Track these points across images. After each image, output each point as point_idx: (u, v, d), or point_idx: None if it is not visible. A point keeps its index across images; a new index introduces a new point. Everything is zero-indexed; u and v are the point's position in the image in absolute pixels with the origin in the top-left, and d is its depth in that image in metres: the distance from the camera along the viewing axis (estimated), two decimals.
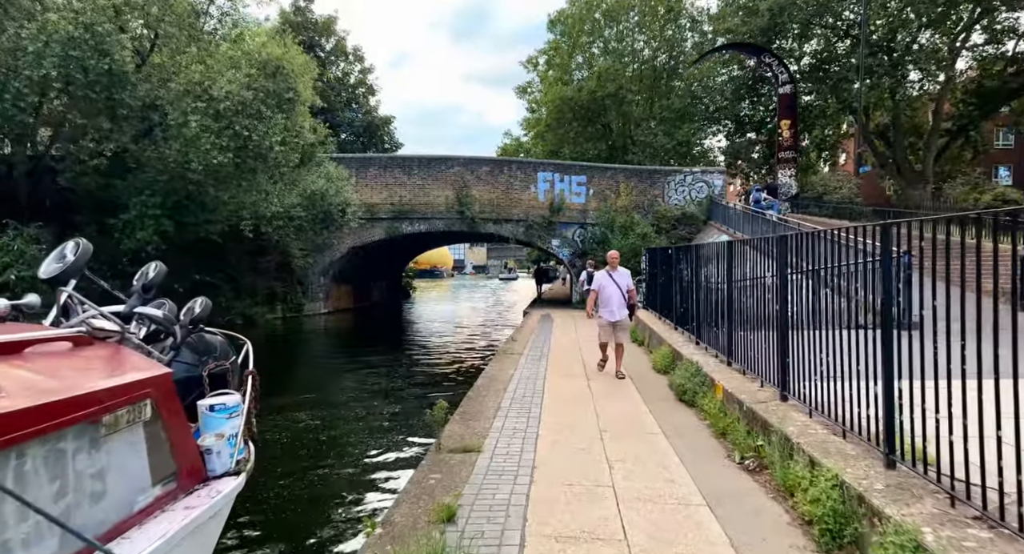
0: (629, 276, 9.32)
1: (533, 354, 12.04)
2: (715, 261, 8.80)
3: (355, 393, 10.58)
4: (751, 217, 21.40)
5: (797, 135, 26.10)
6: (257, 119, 16.28)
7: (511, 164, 27.25)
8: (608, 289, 9.13)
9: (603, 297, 9.18)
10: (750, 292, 7.30)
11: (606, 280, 9.18)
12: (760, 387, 6.53)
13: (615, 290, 9.09)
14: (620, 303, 9.10)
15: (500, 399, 7.85)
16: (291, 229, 19.56)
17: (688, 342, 10.27)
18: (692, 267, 10.11)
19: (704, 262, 9.59)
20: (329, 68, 39.23)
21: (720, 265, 8.40)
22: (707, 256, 9.39)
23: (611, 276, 9.17)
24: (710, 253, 9.19)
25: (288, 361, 15.27)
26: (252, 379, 3.72)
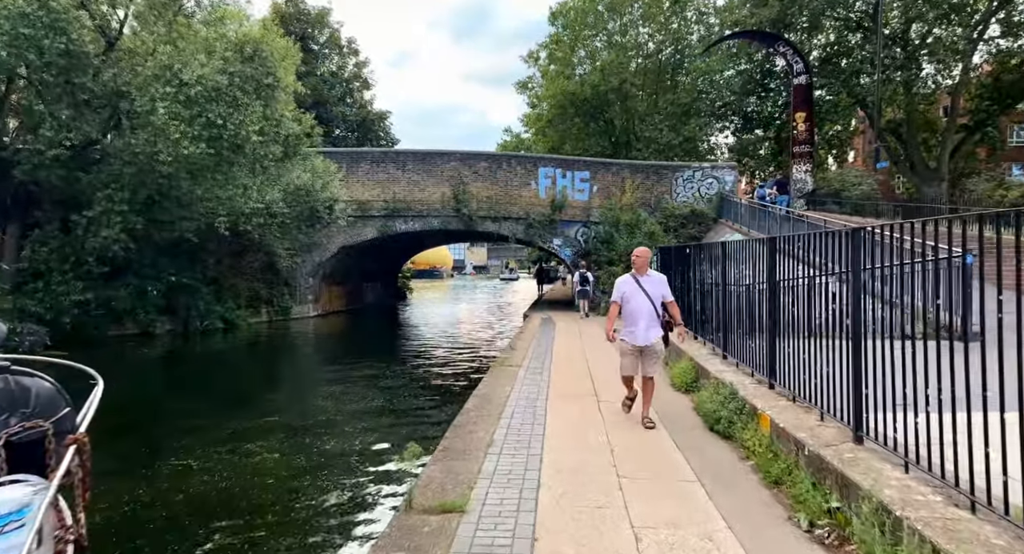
0: (665, 283, 6.74)
1: (533, 366, 10.69)
2: (750, 260, 7.45)
3: (328, 415, 9.16)
4: (767, 214, 20.09)
5: (813, 128, 24.75)
6: (232, 106, 14.94)
7: (510, 159, 25.90)
8: (635, 301, 6.52)
9: (628, 312, 6.60)
10: (802, 296, 5.95)
11: (631, 288, 6.59)
12: (820, 420, 5.17)
13: (644, 302, 6.51)
14: (651, 320, 6.53)
15: (493, 430, 6.49)
16: (274, 227, 18.21)
17: (713, 355, 8.91)
18: (718, 268, 8.74)
19: (734, 262, 8.23)
20: (323, 61, 37.93)
21: (759, 265, 7.04)
22: (739, 255, 8.02)
23: (638, 282, 6.60)
24: (743, 251, 7.82)
25: (261, 373, 13.89)
26: (78, 449, 2.29)
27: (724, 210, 24.55)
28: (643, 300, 6.51)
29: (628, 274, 6.77)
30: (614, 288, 6.80)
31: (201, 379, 12.85)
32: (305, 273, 24.35)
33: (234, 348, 17.69)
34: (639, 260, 6.72)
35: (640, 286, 6.57)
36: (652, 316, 6.53)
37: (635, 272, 6.71)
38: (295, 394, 10.78)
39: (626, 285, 6.66)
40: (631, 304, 6.55)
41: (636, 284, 6.60)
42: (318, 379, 12.87)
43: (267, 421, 8.47)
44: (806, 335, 5.74)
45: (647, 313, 6.50)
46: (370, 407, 9.77)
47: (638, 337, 6.49)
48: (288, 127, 16.86)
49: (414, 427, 8.67)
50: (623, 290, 6.65)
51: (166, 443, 7.41)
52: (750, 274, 7.46)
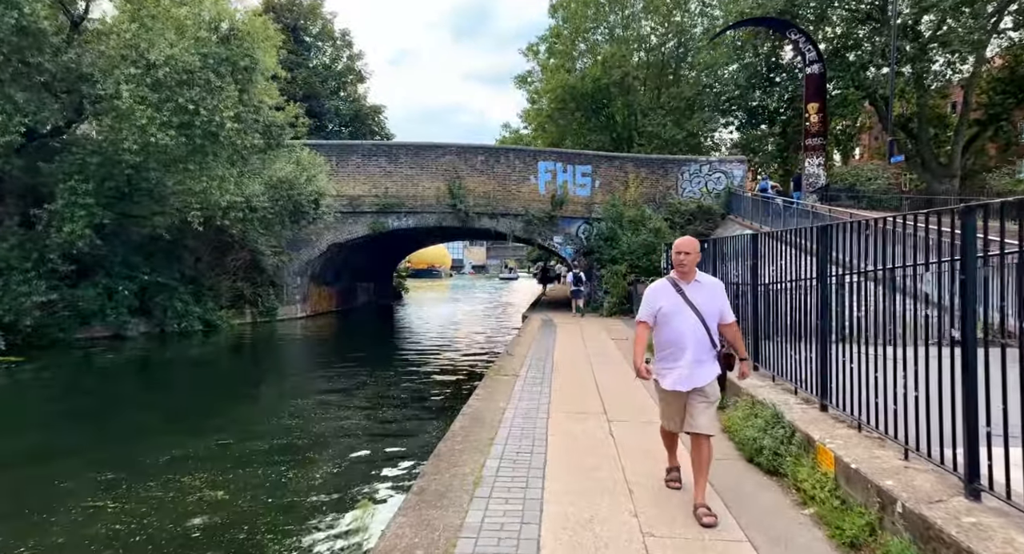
0: (722, 292, 4.38)
1: (532, 375, 9.50)
2: (788, 254, 6.26)
3: (292, 438, 7.82)
4: (782, 209, 18.94)
5: (826, 120, 23.57)
6: (206, 91, 13.74)
7: (509, 153, 24.70)
8: (678, 322, 4.17)
9: (666, 338, 4.25)
10: (871, 295, 4.77)
11: (672, 301, 4.20)
12: (904, 459, 3.98)
13: (692, 323, 4.14)
14: (703, 351, 4.16)
15: (483, 461, 5.30)
16: (255, 222, 17.00)
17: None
18: (746, 263, 7.54)
19: (767, 256, 7.03)
20: (315, 54, 36.70)
21: (803, 257, 5.85)
22: (774, 248, 6.82)
23: (681, 292, 4.20)
24: (781, 244, 6.62)
25: (228, 382, 12.62)
26: None
27: (733, 206, 23.39)
28: (690, 320, 4.09)
29: (664, 279, 4.32)
30: (643, 300, 4.33)
31: (158, 390, 11.64)
32: (292, 272, 23.14)
33: (209, 352, 16.49)
34: (686, 258, 4.15)
35: (685, 298, 4.11)
36: (704, 344, 4.11)
37: (677, 276, 4.23)
38: (260, 409, 9.53)
39: (663, 296, 4.19)
40: (672, 326, 4.13)
41: (679, 295, 4.13)
42: (291, 389, 11.64)
43: (219, 445, 7.20)
44: (873, 342, 4.57)
45: (697, 340, 4.09)
46: (344, 427, 8.48)
47: (682, 377, 4.11)
48: (268, 115, 15.63)
49: (391, 453, 7.45)
50: (659, 304, 4.18)
51: (86, 475, 6.19)
52: (790, 270, 6.27)
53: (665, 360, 4.24)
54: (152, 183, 15.00)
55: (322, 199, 18.39)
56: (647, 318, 4.29)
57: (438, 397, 10.94)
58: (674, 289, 4.20)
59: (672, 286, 4.22)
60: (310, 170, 17.98)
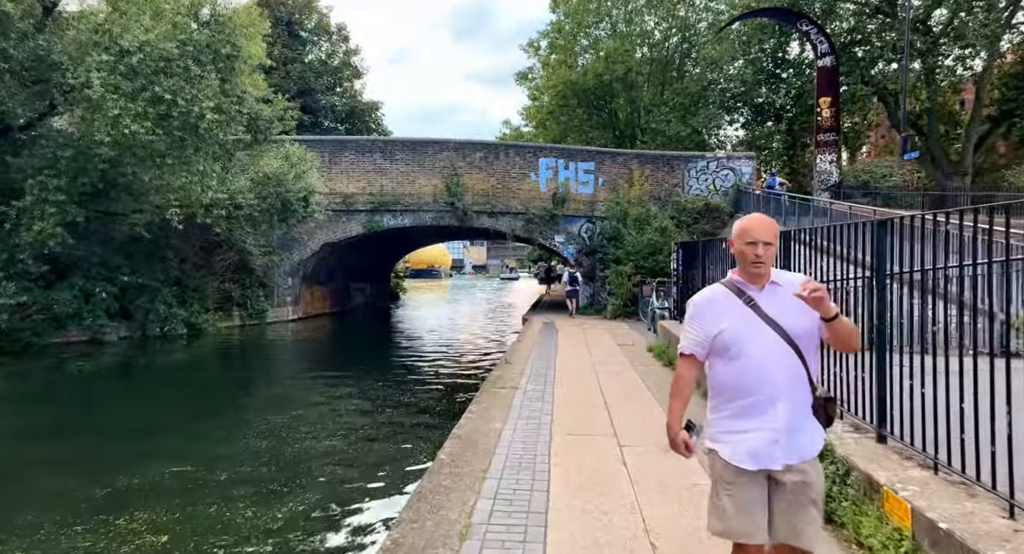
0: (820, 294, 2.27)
1: (533, 387, 8.62)
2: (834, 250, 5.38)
3: (256, 464, 6.68)
4: (796, 207, 18.09)
5: (839, 115, 22.68)
6: (184, 80, 12.88)
7: (508, 149, 23.83)
8: (753, 350, 2.38)
9: (734, 378, 2.43)
10: (948, 295, 3.90)
11: (737, 316, 2.44)
12: (1009, 517, 3.09)
13: (776, 349, 2.39)
14: (799, 395, 2.42)
15: (472, 502, 4.42)
16: (240, 220, 16.14)
17: None
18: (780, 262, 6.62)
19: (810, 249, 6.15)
20: (310, 49, 35.82)
21: (855, 254, 4.98)
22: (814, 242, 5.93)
23: (750, 301, 2.44)
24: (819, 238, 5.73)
25: (200, 393, 11.65)
26: None
27: (742, 203, 22.51)
28: (776, 348, 2.39)
29: (719, 285, 2.59)
30: (688, 319, 2.59)
31: (120, 404, 10.71)
32: (283, 273, 22.27)
33: (190, 358, 15.62)
34: (765, 252, 2.43)
35: (761, 313, 2.42)
36: (800, 386, 2.43)
37: (743, 278, 2.50)
38: (230, 427, 8.60)
39: (725, 312, 2.47)
40: (745, 359, 2.40)
41: (749, 308, 2.44)
42: (268, 403, 10.73)
43: (173, 474, 6.24)
44: (944, 354, 3.70)
45: (790, 379, 2.40)
46: (320, 450, 7.54)
47: (767, 445, 2.38)
48: (253, 107, 14.75)
49: (370, 488, 6.53)
50: (719, 324, 2.44)
51: (3, 516, 5.30)
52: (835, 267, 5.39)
53: (734, 417, 2.42)
54: (129, 179, 14.13)
55: (312, 196, 17.51)
56: (697, 349, 2.49)
57: (430, 411, 10.04)
58: (740, 300, 2.43)
59: (735, 294, 2.45)
60: (299, 166, 17.10)
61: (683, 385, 2.58)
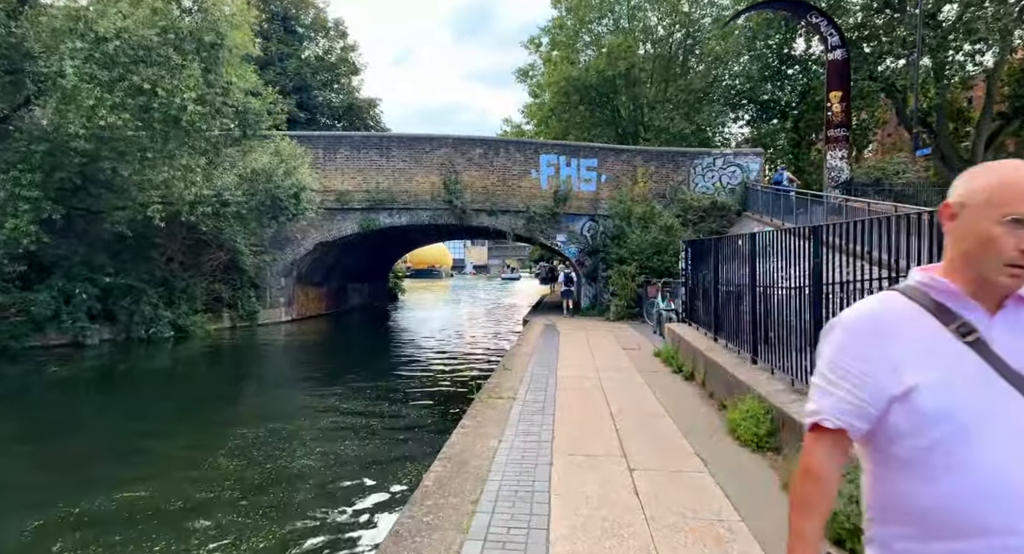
0: None
1: (532, 397, 7.92)
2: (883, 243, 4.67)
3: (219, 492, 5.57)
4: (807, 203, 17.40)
5: (850, 110, 21.95)
6: (164, 69, 12.19)
7: (508, 145, 23.14)
8: (981, 423, 1.14)
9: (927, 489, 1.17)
10: None
11: (936, 354, 1.19)
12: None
13: None
14: None
15: (460, 544, 3.71)
16: (227, 218, 15.45)
17: (791, 393, 6.12)
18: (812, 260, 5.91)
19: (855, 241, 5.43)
20: (307, 45, 35.12)
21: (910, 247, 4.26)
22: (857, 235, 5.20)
23: (967, 334, 1.19)
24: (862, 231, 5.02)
25: (177, 404, 10.77)
26: None
27: (750, 201, 21.81)
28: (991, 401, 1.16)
29: (899, 295, 1.28)
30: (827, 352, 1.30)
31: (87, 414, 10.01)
32: (276, 273, 21.58)
33: (173, 362, 14.95)
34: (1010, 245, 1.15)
35: (997, 363, 1.17)
36: None
37: (951, 283, 1.24)
38: (199, 443, 7.84)
39: (918, 353, 1.20)
40: (969, 454, 1.14)
41: (970, 349, 1.18)
42: (246, 413, 10.02)
43: (121, 501, 5.48)
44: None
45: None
46: (292, 472, 6.75)
47: None
48: (237, 98, 14.05)
49: (342, 522, 5.82)
50: (901, 381, 1.19)
51: None
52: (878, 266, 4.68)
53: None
54: (109, 174, 13.44)
55: (303, 193, 16.80)
56: (851, 419, 1.25)
57: (421, 424, 9.32)
58: (948, 328, 1.21)
59: (935, 316, 1.23)
60: (289, 161, 16.41)
61: (816, 491, 1.30)
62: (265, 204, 16.00)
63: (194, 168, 13.46)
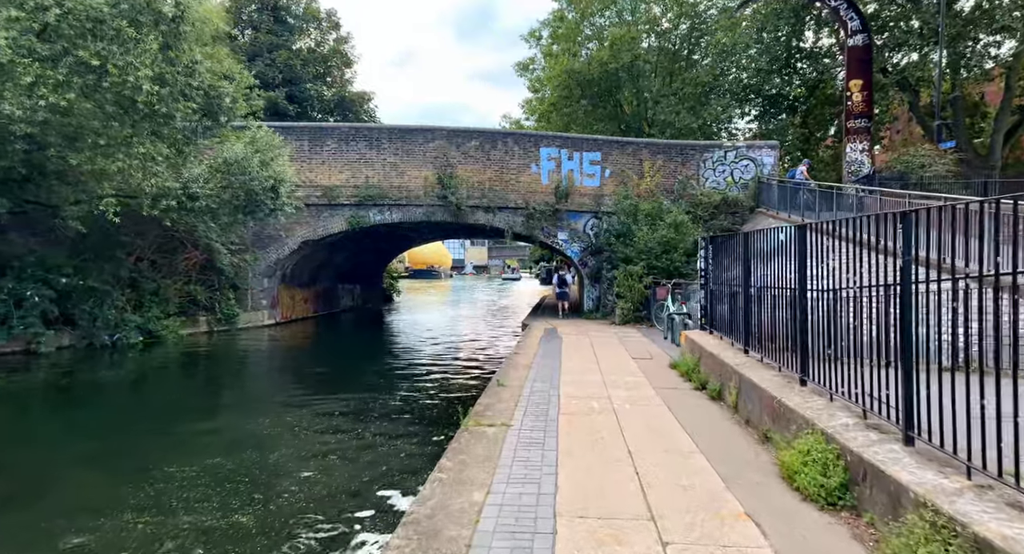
0: None
1: (529, 426, 6.54)
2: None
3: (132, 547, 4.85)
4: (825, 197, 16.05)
5: (871, 99, 20.55)
6: (116, 43, 10.82)
7: (507, 138, 21.74)
8: None
9: None
10: None
11: None
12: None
13: None
14: None
15: None
16: (197, 213, 14.05)
17: (866, 430, 4.72)
18: (903, 257, 4.50)
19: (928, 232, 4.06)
20: (299, 36, 33.74)
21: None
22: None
23: None
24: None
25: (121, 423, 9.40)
26: None
27: (763, 197, 20.44)
28: None
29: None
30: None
31: (13, 440, 8.64)
32: (258, 273, 20.19)
33: (138, 371, 13.53)
34: None
35: None
36: None
37: None
38: (129, 477, 6.52)
39: None
40: None
41: None
42: (196, 439, 8.60)
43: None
44: None
45: None
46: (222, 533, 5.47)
47: None
48: (205, 79, 12.60)
49: None
50: None
51: None
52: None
53: None
54: (59, 163, 12.04)
55: (282, 186, 15.39)
56: None
57: (393, 462, 7.88)
58: None
59: None
60: (265, 152, 15.00)
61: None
62: (239, 198, 14.61)
63: (155, 157, 12.07)
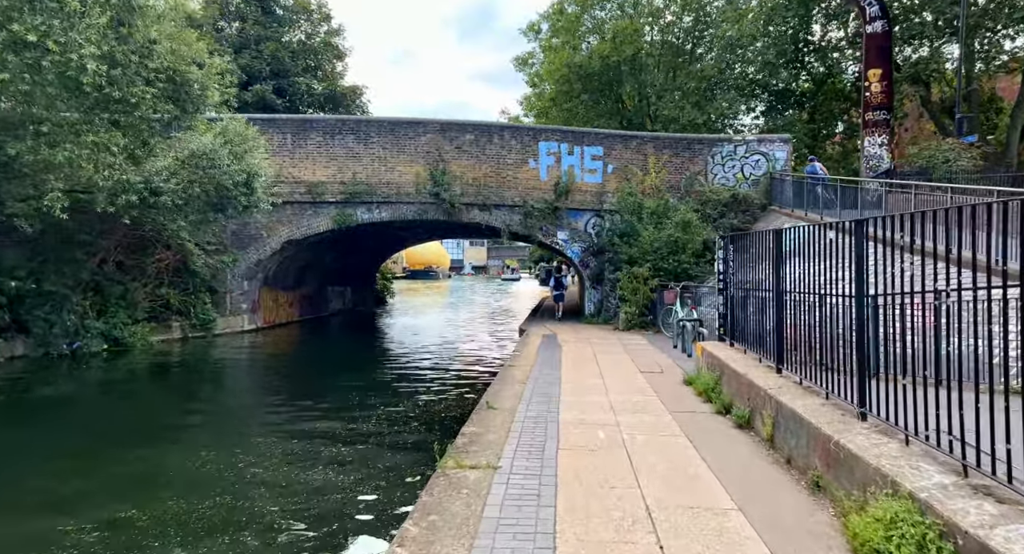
0: None
1: (522, 468, 5.30)
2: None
3: None
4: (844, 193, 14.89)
5: (891, 90, 19.32)
6: (58, 16, 9.58)
7: (503, 131, 20.50)
8: None
9: None
10: None
11: None
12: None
13: None
14: None
15: None
16: (162, 210, 12.80)
17: (973, 495, 3.48)
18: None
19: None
20: (288, 28, 32.49)
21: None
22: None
23: None
24: None
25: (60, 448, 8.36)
26: None
27: (776, 194, 19.22)
28: None
29: None
30: None
31: None
32: (237, 275, 18.94)
33: (96, 384, 12.30)
34: None
35: None
36: None
37: None
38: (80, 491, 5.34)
39: None
40: None
41: None
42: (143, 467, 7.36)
43: None
44: None
45: None
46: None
47: None
48: (166, 61, 11.32)
49: None
50: None
51: None
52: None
53: None
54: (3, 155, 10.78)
55: (256, 180, 14.12)
56: None
57: (355, 506, 6.61)
58: None
59: None
60: (238, 143, 13.74)
61: None
62: (208, 194, 13.36)
63: (110, 147, 10.82)
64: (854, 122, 36.03)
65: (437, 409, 10.53)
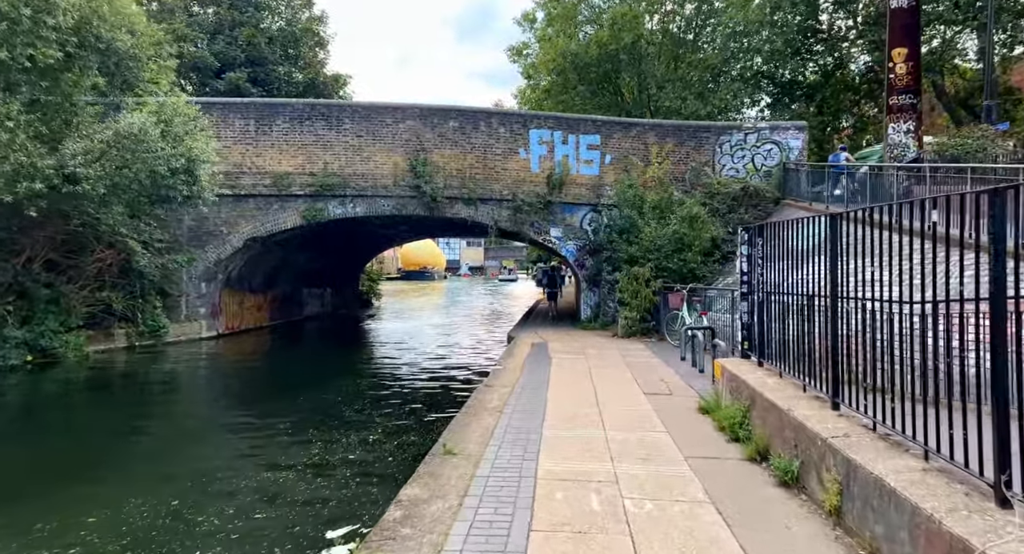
0: None
1: (486, 526, 3.45)
2: None
3: None
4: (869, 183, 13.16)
5: (919, 72, 17.53)
6: None
7: (491, 118, 18.66)
8: None
9: None
10: None
11: None
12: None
13: None
14: None
15: None
16: (83, 200, 10.96)
17: None
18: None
19: None
20: (268, 15, 30.66)
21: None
22: None
23: None
24: None
25: None
26: None
27: (790, 186, 17.44)
28: None
29: None
30: None
31: None
32: (194, 276, 17.06)
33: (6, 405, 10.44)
34: None
35: None
36: None
37: None
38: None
39: None
40: None
41: None
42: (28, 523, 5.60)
43: None
44: None
45: None
46: None
47: None
48: (69, 16, 9.46)
49: None
50: None
51: None
52: None
53: None
54: None
55: (199, 168, 12.26)
56: None
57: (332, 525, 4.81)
58: None
59: None
60: (176, 124, 11.88)
61: None
62: (140, 182, 11.53)
63: (3, 122, 9.00)
64: (864, 115, 34.35)
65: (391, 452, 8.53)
